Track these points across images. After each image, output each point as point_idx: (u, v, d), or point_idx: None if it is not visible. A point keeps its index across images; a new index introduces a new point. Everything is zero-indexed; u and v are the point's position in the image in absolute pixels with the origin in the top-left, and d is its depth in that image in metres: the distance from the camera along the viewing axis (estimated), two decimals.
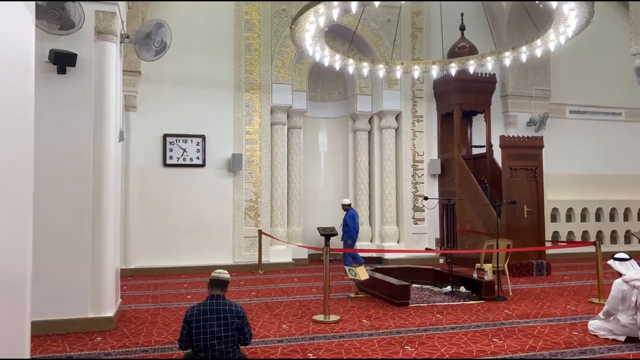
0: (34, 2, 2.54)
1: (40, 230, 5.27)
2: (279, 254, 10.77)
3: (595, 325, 5.25)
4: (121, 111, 6.43)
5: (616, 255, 5.30)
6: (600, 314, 5.24)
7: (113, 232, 5.74)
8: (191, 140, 10.38)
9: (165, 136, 10.25)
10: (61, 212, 5.39)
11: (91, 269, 5.46)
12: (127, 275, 9.40)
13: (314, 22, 6.67)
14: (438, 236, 11.78)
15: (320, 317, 5.96)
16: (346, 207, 10.42)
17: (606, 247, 12.11)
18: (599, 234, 12.84)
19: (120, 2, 5.83)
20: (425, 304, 6.81)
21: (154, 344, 4.98)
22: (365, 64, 9.12)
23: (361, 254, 11.25)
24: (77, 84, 5.46)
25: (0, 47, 2.04)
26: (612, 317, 5.07)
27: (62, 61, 5.24)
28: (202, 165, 10.42)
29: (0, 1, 2.03)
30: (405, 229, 11.62)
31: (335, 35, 11.35)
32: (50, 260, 5.30)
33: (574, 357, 4.47)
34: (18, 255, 2.19)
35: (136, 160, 9.96)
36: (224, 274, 3.92)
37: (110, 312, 5.55)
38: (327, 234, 11.94)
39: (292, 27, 7.05)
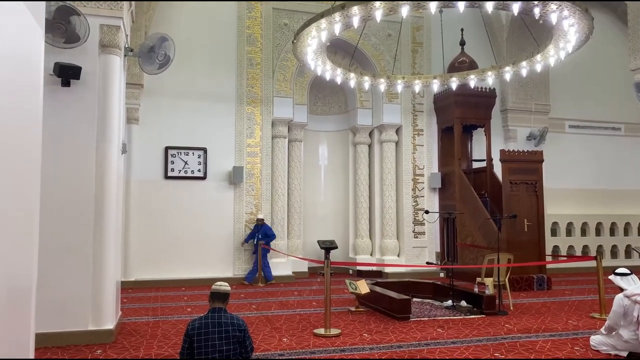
0: (44, 17, 2.58)
1: (42, 242, 5.22)
2: (279, 267, 10.73)
3: (597, 340, 5.24)
4: (123, 123, 6.45)
5: (617, 270, 5.30)
6: (602, 329, 5.23)
7: (114, 245, 5.74)
8: (192, 153, 10.41)
9: (167, 149, 10.28)
10: (63, 225, 5.39)
11: (92, 281, 5.45)
12: (127, 288, 9.37)
13: (316, 36, 6.74)
14: (438, 250, 11.77)
15: (321, 331, 5.94)
16: (260, 222, 10.37)
17: (607, 261, 12.08)
18: (599, 248, 12.82)
19: (124, 16, 5.89)
20: (426, 318, 6.78)
21: (154, 356, 4.95)
22: (366, 78, 9.18)
23: (361, 268, 11.25)
24: (80, 96, 5.50)
25: (11, 60, 2.07)
26: (614, 333, 5.05)
27: (67, 74, 5.28)
28: (204, 177, 10.45)
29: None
30: (405, 243, 11.61)
31: (337, 49, 11.43)
32: (51, 273, 5.29)
33: None
34: (24, 267, 2.20)
35: (138, 173, 9.98)
36: (225, 287, 3.89)
37: (110, 325, 5.53)
38: (327, 247, 11.91)
39: (295, 41, 7.12)
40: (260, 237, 10.26)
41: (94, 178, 5.53)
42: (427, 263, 9.63)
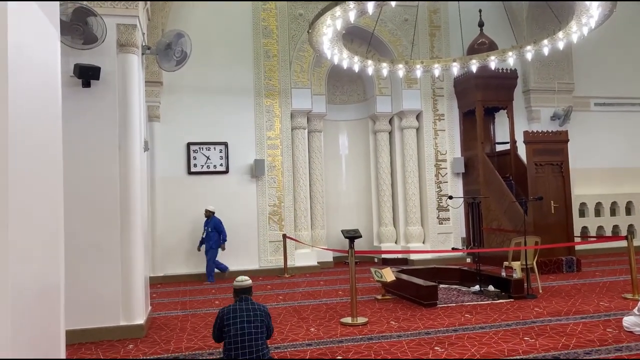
0: (58, 19, 2.61)
1: (71, 241, 5.37)
2: (304, 257, 10.78)
3: (630, 321, 5.13)
4: (145, 121, 6.52)
5: None
6: (635, 310, 5.11)
7: (141, 241, 5.83)
8: (214, 148, 10.49)
9: (189, 144, 10.38)
10: (90, 224, 5.50)
11: (121, 278, 5.56)
12: (156, 283, 9.54)
13: (331, 25, 6.69)
14: (464, 235, 11.66)
15: (348, 320, 5.95)
16: (209, 214, 9.83)
17: (638, 241, 11.84)
18: (630, 227, 12.53)
19: (140, 15, 5.93)
20: (454, 304, 6.74)
21: (184, 350, 5.03)
22: (384, 64, 9.10)
23: (386, 256, 11.21)
24: (101, 96, 5.58)
25: (29, 64, 2.10)
26: None
27: (87, 75, 5.36)
28: (226, 172, 10.52)
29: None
30: (430, 229, 11.53)
31: (353, 37, 11.35)
32: (81, 271, 5.41)
33: (609, 355, 4.37)
34: (52, 266, 2.25)
35: (161, 170, 10.11)
36: (246, 281, 4.12)
37: (141, 320, 5.63)
38: (351, 236, 11.89)
39: (310, 31, 7.08)
40: (210, 230, 9.73)
41: (119, 177, 5.62)
42: (453, 248, 9.54)
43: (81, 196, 5.47)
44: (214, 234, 9.76)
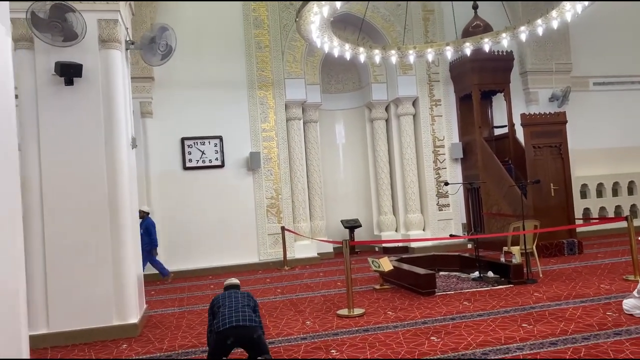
0: (8, 16, 2.50)
1: (60, 242, 5.36)
2: (304, 249, 10.72)
3: (630, 304, 5.03)
4: (131, 118, 6.42)
5: None
6: (635, 292, 5.01)
7: (132, 239, 5.76)
8: (209, 142, 10.39)
9: (183, 140, 10.28)
10: (78, 223, 5.42)
11: (113, 277, 5.49)
12: (155, 280, 9.51)
13: (318, 12, 6.55)
14: (464, 221, 11.56)
15: (344, 312, 5.88)
16: (143, 215, 8.88)
17: None
18: (633, 207, 12.41)
19: (122, 10, 5.81)
20: (452, 292, 6.65)
21: (177, 348, 4.97)
22: (376, 51, 8.95)
23: (387, 245, 11.14)
24: (85, 94, 5.48)
25: None
26: None
27: (68, 72, 5.25)
28: (222, 166, 10.43)
29: None
30: (430, 217, 11.43)
31: (346, 25, 11.18)
32: (71, 271, 5.36)
33: (608, 340, 4.28)
34: (10, 269, 2.16)
35: (156, 166, 10.03)
36: (235, 280, 4.78)
37: (134, 319, 5.58)
38: (351, 226, 11.91)
39: (297, 20, 6.95)
40: (141, 232, 8.13)
41: (106, 175, 5.53)
42: (451, 235, 9.45)
43: (68, 196, 5.41)
44: (145, 236, 8.88)
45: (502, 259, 7.32)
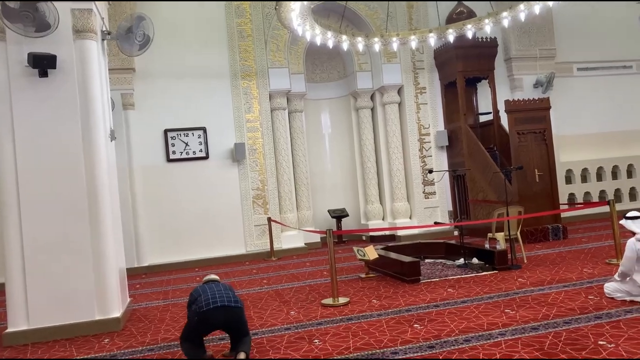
0: None
1: (38, 237, 5.28)
2: (290, 239, 10.69)
3: (611, 287, 5.07)
4: (109, 109, 6.31)
5: (628, 214, 5.08)
6: (616, 276, 5.05)
7: (113, 233, 5.68)
8: (192, 134, 10.28)
9: (166, 131, 10.16)
10: (58, 217, 5.34)
11: (94, 271, 5.41)
12: (141, 273, 9.46)
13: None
14: (450, 209, 11.59)
15: (329, 301, 5.87)
16: None
17: (625, 205, 11.88)
18: (617, 192, 12.52)
19: None
20: (437, 279, 6.67)
21: (160, 341, 4.93)
22: (359, 38, 8.88)
23: (374, 233, 11.16)
24: (60, 85, 5.36)
25: None
26: (628, 278, 4.87)
27: (42, 64, 5.13)
28: (206, 157, 10.34)
29: None
30: (416, 205, 11.44)
31: (329, 12, 11.10)
32: (51, 266, 5.28)
33: (589, 323, 4.30)
34: None
35: (139, 158, 9.90)
36: (214, 276, 4.71)
37: (117, 313, 5.51)
38: (338, 215, 11.89)
39: (277, 7, 6.85)
40: None
41: (84, 168, 5.43)
42: (435, 223, 9.47)
43: (46, 190, 5.31)
44: None
45: (487, 245, 7.35)
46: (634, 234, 4.89)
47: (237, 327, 4.14)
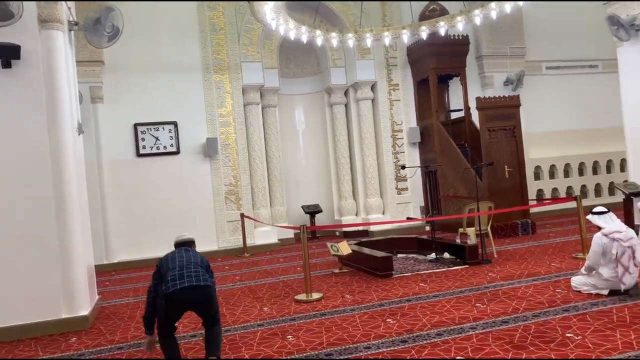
0: None
1: (3, 232, 5.10)
2: (264, 235, 10.63)
3: (578, 281, 5.19)
4: (77, 102, 6.14)
5: (594, 210, 5.20)
6: (583, 270, 5.17)
7: (81, 229, 5.54)
8: (163, 128, 10.10)
9: (135, 125, 9.95)
10: (23, 214, 5.17)
11: (61, 268, 5.27)
12: (110, 270, 9.28)
13: None
14: (422, 204, 11.70)
15: (302, 297, 5.85)
16: None
17: (591, 200, 12.18)
18: (583, 188, 12.84)
19: None
20: (409, 274, 6.72)
21: (130, 339, 4.84)
22: (333, 34, 8.86)
23: (347, 229, 11.19)
24: (24, 77, 5.17)
25: None
26: (594, 272, 5.00)
27: (5, 54, 4.95)
28: (177, 152, 10.17)
29: None
30: (389, 200, 11.51)
31: (303, 7, 11.03)
32: (16, 264, 5.12)
33: (557, 316, 4.39)
34: None
35: (108, 153, 9.68)
36: (187, 235, 4.41)
37: (85, 311, 5.38)
38: (312, 211, 11.88)
39: (250, 0, 6.78)
40: None
41: (50, 162, 5.27)
42: (408, 218, 9.55)
43: (11, 186, 5.14)
44: None
45: (458, 240, 7.44)
46: (600, 228, 5.01)
47: (208, 309, 3.89)
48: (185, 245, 4.29)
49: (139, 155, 9.95)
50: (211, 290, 3.91)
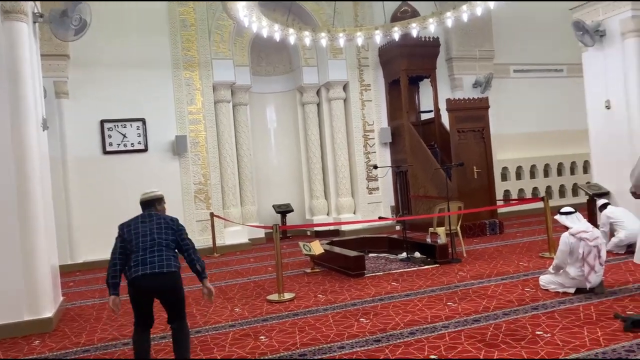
0: None
1: None
2: (234, 235, 10.50)
3: (545, 279, 5.31)
4: (41, 97, 5.94)
5: (562, 210, 5.32)
6: (550, 269, 5.29)
7: (44, 228, 5.35)
8: (130, 125, 9.87)
9: (102, 122, 9.69)
10: None
11: (23, 269, 5.08)
12: (75, 270, 9.03)
13: None
14: (393, 204, 11.79)
15: (274, 297, 5.80)
16: None
17: (555, 201, 12.48)
18: (548, 189, 13.16)
19: None
20: (381, 273, 6.75)
21: (96, 342, 4.69)
22: (306, 32, 8.82)
23: (318, 228, 11.18)
24: None
25: None
26: (561, 271, 5.11)
27: None
28: (145, 150, 9.95)
29: None
30: (360, 200, 11.55)
31: (276, 6, 10.94)
32: None
33: (527, 314, 4.47)
34: None
35: (74, 150, 9.39)
36: (155, 191, 4.02)
37: (48, 313, 5.20)
38: (283, 210, 11.82)
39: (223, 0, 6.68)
40: None
41: (13, 159, 5.07)
42: (380, 217, 9.60)
43: None
44: None
45: (428, 240, 7.51)
46: (567, 228, 5.12)
47: (172, 296, 3.64)
48: (151, 205, 3.93)
49: (105, 152, 9.71)
50: (176, 276, 3.61)
